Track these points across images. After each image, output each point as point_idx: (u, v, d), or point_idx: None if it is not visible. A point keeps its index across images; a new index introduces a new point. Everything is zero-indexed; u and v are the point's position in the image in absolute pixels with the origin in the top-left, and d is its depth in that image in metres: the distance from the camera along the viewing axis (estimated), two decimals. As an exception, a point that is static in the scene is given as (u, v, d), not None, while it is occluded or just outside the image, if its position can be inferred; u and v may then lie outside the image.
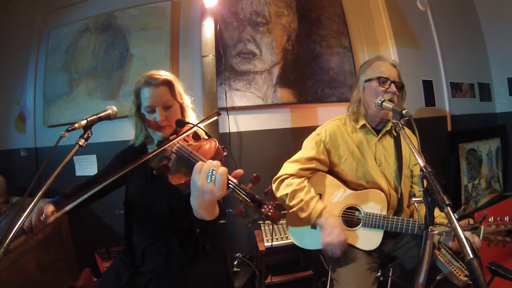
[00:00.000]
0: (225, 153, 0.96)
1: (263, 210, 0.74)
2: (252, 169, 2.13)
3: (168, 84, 1.16)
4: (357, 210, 1.35)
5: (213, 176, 0.75)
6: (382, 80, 1.33)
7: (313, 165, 1.41)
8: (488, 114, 2.77)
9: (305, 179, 1.39)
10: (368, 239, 1.30)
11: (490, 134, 2.49)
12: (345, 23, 2.40)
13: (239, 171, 0.81)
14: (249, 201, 0.76)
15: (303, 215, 1.32)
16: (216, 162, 0.78)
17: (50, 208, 1.00)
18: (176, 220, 1.15)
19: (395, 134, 1.41)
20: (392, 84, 1.32)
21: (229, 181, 0.77)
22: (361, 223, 1.32)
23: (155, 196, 1.16)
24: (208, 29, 2.10)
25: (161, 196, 1.15)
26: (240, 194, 0.76)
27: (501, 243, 1.10)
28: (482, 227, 1.11)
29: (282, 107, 2.31)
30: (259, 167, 2.20)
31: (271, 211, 0.74)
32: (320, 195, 1.41)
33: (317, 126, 1.52)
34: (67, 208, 0.93)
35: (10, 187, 2.12)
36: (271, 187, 0.80)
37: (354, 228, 1.34)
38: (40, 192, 0.82)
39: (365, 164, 1.37)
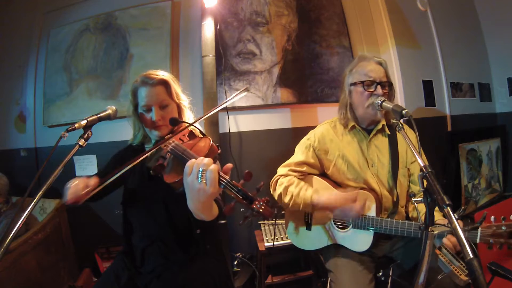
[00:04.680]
0: (219, 151, 0.97)
1: (254, 206, 0.75)
2: (252, 169, 2.13)
3: (165, 83, 1.16)
4: None
5: (204, 174, 0.75)
6: (367, 84, 1.29)
7: (303, 168, 1.42)
8: (488, 114, 2.78)
9: (294, 177, 1.40)
10: (358, 240, 1.30)
11: (490, 134, 2.49)
12: (345, 23, 2.40)
13: (229, 165, 0.81)
14: (241, 197, 0.76)
15: (300, 208, 1.31)
16: (207, 160, 0.78)
17: (93, 181, 0.97)
18: (175, 219, 1.15)
19: (389, 133, 1.38)
20: (378, 86, 1.28)
21: (221, 178, 0.77)
22: (351, 225, 1.32)
23: (152, 195, 1.16)
24: (208, 29, 2.10)
25: (158, 196, 1.15)
26: (232, 190, 0.77)
27: (505, 246, 1.00)
28: (479, 229, 1.05)
29: (282, 107, 2.31)
30: (259, 167, 2.20)
31: (263, 207, 0.75)
32: None
33: (316, 126, 1.52)
34: (98, 188, 0.94)
35: (10, 187, 2.12)
36: (263, 183, 0.80)
37: (344, 230, 1.34)
38: (40, 192, 0.82)
39: (356, 166, 1.35)
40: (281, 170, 1.45)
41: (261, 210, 0.74)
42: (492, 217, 1.05)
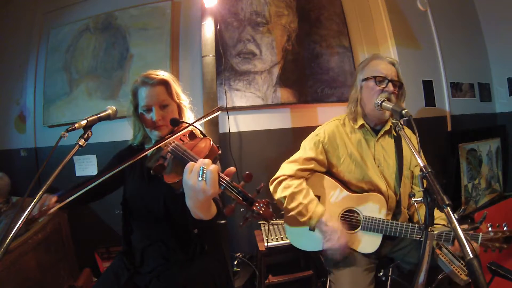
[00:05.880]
0: (219, 152, 0.97)
1: (255, 208, 0.74)
2: (252, 169, 2.12)
3: (165, 83, 1.16)
4: (356, 212, 1.35)
5: (204, 175, 0.75)
6: (379, 80, 1.31)
7: (311, 165, 1.39)
8: (488, 114, 2.77)
9: (303, 181, 1.37)
10: (366, 242, 1.30)
11: (490, 134, 2.49)
12: (345, 23, 2.40)
13: (232, 169, 0.81)
14: (241, 199, 0.76)
15: (303, 219, 1.31)
16: (207, 161, 0.78)
17: (53, 199, 0.99)
18: (174, 219, 1.15)
19: (395, 134, 1.39)
20: (390, 83, 1.30)
21: (221, 179, 0.77)
22: (360, 226, 1.31)
23: (152, 195, 1.16)
24: (208, 29, 2.10)
25: (158, 196, 1.15)
26: (232, 192, 0.76)
27: (497, 250, 1.12)
28: (481, 234, 1.12)
29: (282, 107, 2.30)
30: (259, 167, 2.20)
31: (263, 209, 0.74)
32: (319, 197, 1.40)
33: (317, 126, 1.51)
34: (68, 199, 0.94)
35: (10, 187, 2.13)
36: (263, 185, 0.79)
37: (353, 231, 1.34)
38: (40, 192, 0.82)
39: (363, 165, 1.35)
40: (287, 168, 1.40)
41: (261, 212, 0.74)
42: (489, 224, 1.14)
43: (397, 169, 1.36)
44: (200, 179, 0.75)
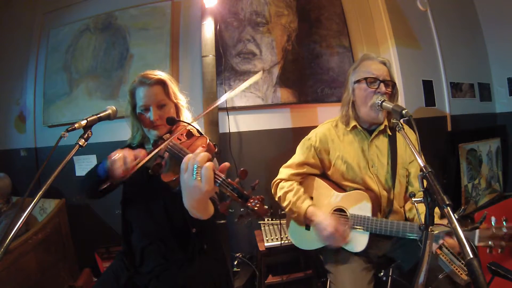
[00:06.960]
0: (216, 150, 0.97)
1: (249, 204, 0.74)
2: (252, 169, 2.13)
3: (162, 83, 1.16)
4: (345, 211, 1.35)
5: (199, 171, 0.75)
6: (370, 81, 1.30)
7: (304, 169, 1.44)
8: (488, 114, 2.77)
9: (294, 181, 1.42)
10: (354, 241, 1.30)
11: (490, 134, 2.49)
12: (345, 23, 2.40)
13: (226, 164, 0.81)
14: (236, 195, 0.76)
15: (294, 216, 1.36)
16: (203, 155, 0.78)
17: (142, 152, 0.99)
18: (173, 219, 1.15)
19: (390, 134, 1.39)
20: (382, 84, 1.29)
21: (216, 176, 0.77)
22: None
23: (151, 195, 1.17)
24: (208, 29, 2.10)
25: (157, 195, 1.15)
26: (227, 188, 0.76)
27: (508, 248, 0.94)
28: (477, 231, 0.96)
29: (282, 107, 2.31)
30: (259, 167, 2.20)
31: (258, 205, 0.74)
32: (311, 198, 1.42)
33: (317, 126, 1.52)
34: (146, 158, 0.95)
35: (11, 188, 2.13)
36: (258, 182, 0.79)
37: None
38: (40, 192, 0.82)
39: (355, 167, 1.35)
40: (283, 172, 1.46)
41: (256, 208, 0.74)
42: (493, 218, 1.00)
43: (391, 168, 1.36)
44: (194, 177, 0.75)
